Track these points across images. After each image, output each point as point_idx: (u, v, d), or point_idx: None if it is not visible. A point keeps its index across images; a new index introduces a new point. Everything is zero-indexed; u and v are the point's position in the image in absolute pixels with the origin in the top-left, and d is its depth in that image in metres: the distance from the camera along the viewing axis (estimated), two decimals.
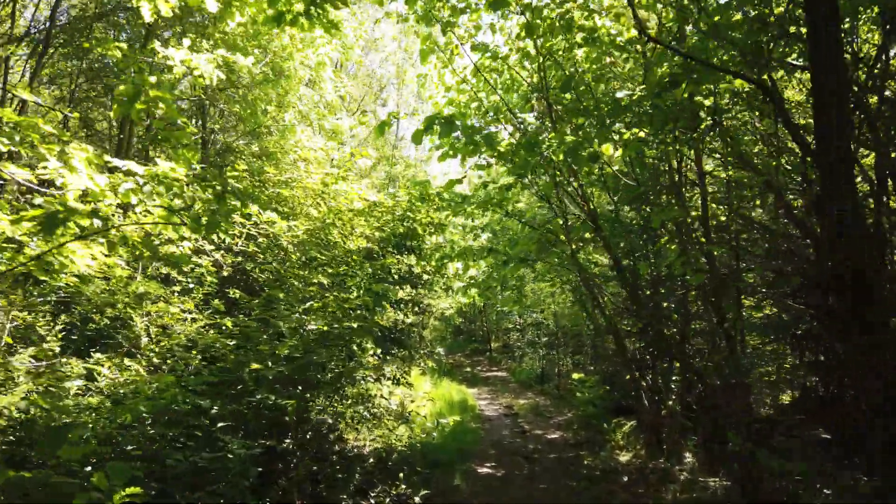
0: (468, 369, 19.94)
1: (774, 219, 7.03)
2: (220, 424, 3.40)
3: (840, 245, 3.62)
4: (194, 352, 4.21)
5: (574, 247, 8.75)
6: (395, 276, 7.00)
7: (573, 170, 6.59)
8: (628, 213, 8.65)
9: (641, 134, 4.27)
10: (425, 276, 7.57)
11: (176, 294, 4.47)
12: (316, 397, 4.36)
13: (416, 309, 7.82)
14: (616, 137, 4.38)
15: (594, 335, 12.59)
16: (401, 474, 6.94)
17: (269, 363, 3.90)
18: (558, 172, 6.32)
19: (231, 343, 4.07)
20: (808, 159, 4.88)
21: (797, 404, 9.35)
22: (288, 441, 3.90)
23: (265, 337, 4.12)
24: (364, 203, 6.41)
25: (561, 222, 8.81)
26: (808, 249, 7.14)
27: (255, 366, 3.80)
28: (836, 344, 7.60)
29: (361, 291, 5.12)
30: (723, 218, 6.93)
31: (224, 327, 4.45)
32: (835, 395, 8.40)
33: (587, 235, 9.08)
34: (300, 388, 4.15)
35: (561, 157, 4.26)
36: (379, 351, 7.02)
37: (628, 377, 8.69)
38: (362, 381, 4.69)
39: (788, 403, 10.16)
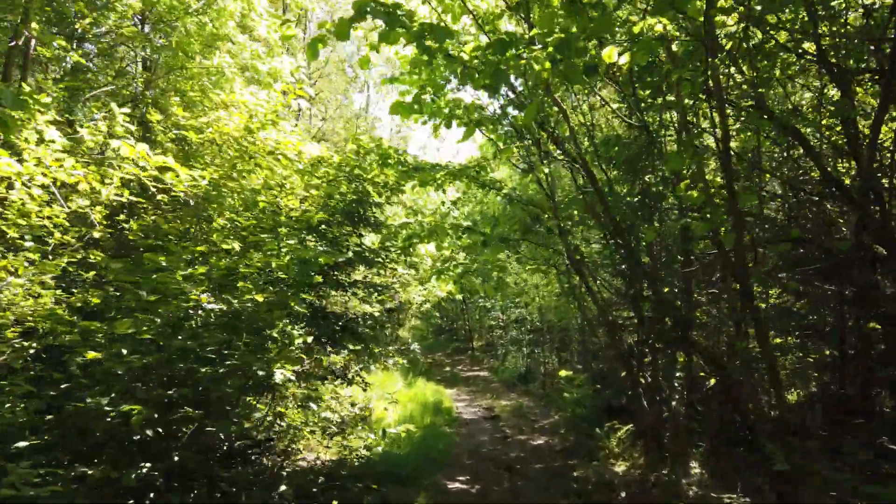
0: (448, 369, 18.68)
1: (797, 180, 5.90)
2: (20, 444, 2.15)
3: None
4: (31, 341, 2.92)
5: (562, 224, 7.57)
6: (347, 251, 5.72)
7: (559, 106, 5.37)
8: (623, 183, 7.47)
9: (658, 27, 3.08)
10: (385, 255, 6.29)
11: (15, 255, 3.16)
12: (206, 398, 3.11)
13: (377, 294, 6.52)
14: (623, 33, 3.25)
15: (583, 329, 11.42)
16: (352, 492, 5.67)
17: (125, 350, 2.66)
18: (542, 93, 5.10)
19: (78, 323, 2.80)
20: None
21: (810, 404, 8.27)
22: (145, 466, 2.65)
23: (120, 315, 2.86)
24: (301, 156, 5.12)
25: (546, 188, 7.61)
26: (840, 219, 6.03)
27: (90, 355, 2.55)
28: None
29: (286, 260, 3.86)
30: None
31: (86, 303, 3.16)
32: (853, 393, 7.35)
33: (575, 212, 7.90)
34: (174, 389, 2.88)
35: (547, 64, 3.03)
36: (317, 341, 5.72)
37: (624, 374, 7.52)
38: (281, 379, 3.42)
39: (798, 403, 9.09)
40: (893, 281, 5.31)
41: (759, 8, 3.80)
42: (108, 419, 2.56)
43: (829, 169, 5.04)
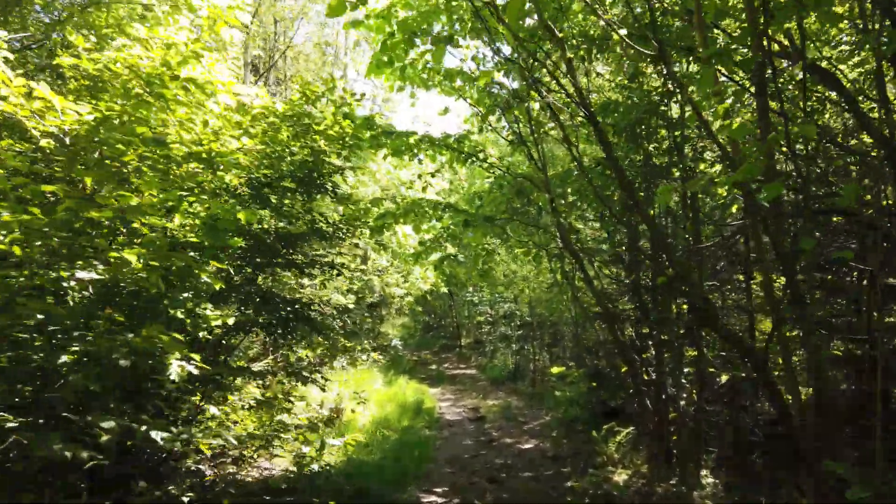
0: (433, 367, 17.75)
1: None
2: None
3: None
4: None
5: (555, 202, 6.66)
6: (298, 223, 4.77)
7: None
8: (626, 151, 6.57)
9: None
10: (348, 229, 5.34)
11: None
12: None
13: (339, 275, 5.57)
14: None
15: (576, 322, 10.52)
16: None
17: None
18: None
19: None
20: None
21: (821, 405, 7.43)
22: None
23: None
24: (242, 107, 4.15)
25: (538, 159, 6.70)
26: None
27: None
28: None
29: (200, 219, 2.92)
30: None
31: None
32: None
33: (570, 190, 6.99)
34: None
35: None
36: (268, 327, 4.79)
37: (624, 370, 6.63)
38: (177, 374, 2.46)
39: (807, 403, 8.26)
40: None
41: None
42: None
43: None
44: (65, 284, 2.47)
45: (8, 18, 4.70)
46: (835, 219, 5.31)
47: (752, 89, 3.95)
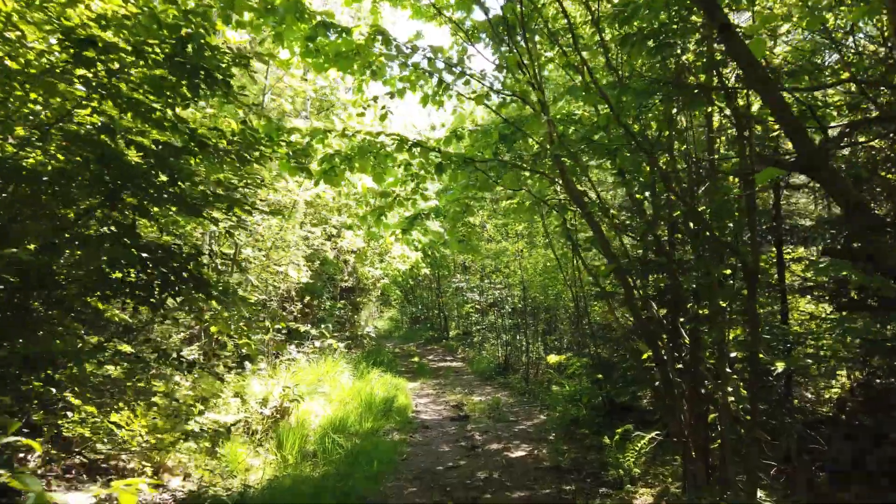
0: (416, 359, 16.10)
1: None
2: None
3: None
4: None
5: (556, 136, 5.03)
6: (169, 130, 3.10)
7: None
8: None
9: None
10: (254, 149, 3.67)
11: None
12: None
13: (245, 215, 3.89)
14: None
15: (578, 298, 8.88)
16: None
17: None
18: None
19: None
20: None
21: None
22: None
23: None
24: None
25: (534, 80, 5.05)
26: None
27: None
28: None
29: None
30: None
31: None
32: None
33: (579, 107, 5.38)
34: None
35: None
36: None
37: (645, 356, 5.02)
38: None
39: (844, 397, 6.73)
40: None
41: None
42: None
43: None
44: None
45: None
46: None
47: None
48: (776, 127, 4.89)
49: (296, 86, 7.35)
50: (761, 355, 4.92)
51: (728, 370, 4.69)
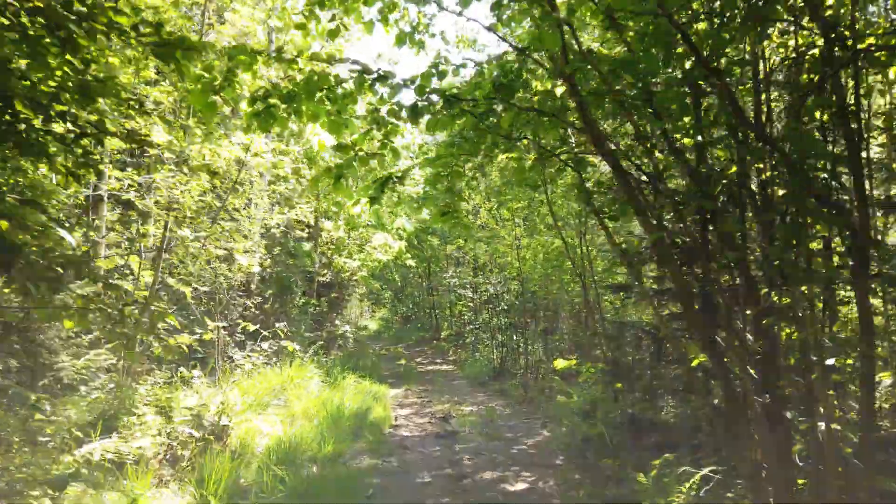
0: (403, 362, 14.67)
1: None
2: None
3: None
4: None
5: (570, 70, 3.62)
6: None
7: None
8: None
9: None
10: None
11: None
12: None
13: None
14: None
15: (588, 293, 7.47)
16: None
17: None
18: None
19: None
20: None
21: None
22: None
23: None
24: None
25: None
26: None
27: None
28: None
29: None
30: None
31: None
32: None
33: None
34: None
35: None
36: None
37: (695, 361, 3.62)
38: None
39: None
40: None
41: None
42: None
43: None
44: None
45: None
46: None
47: None
48: None
49: None
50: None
51: (824, 384, 3.29)
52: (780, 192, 3.49)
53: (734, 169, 3.70)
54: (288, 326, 10.49)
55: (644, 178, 3.77)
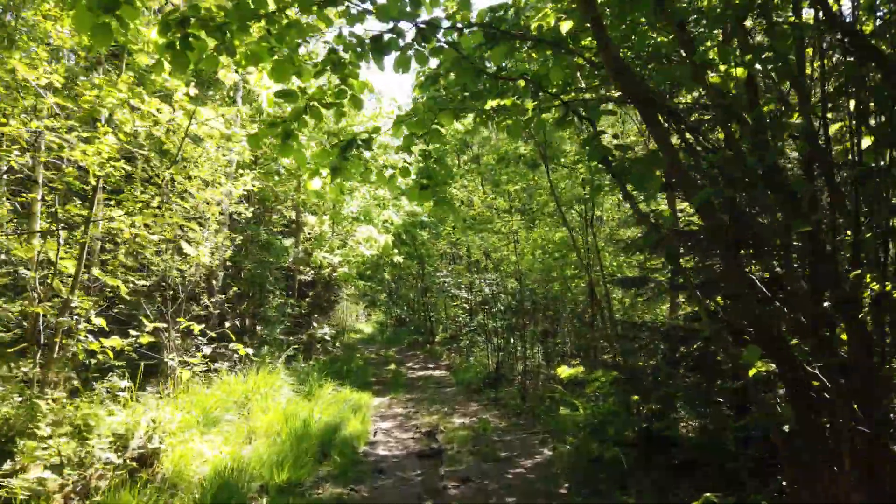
0: (392, 367, 13.70)
1: None
2: None
3: None
4: None
5: None
6: None
7: None
8: None
9: None
10: None
11: None
12: None
13: None
14: None
15: (595, 290, 6.52)
16: None
17: None
18: None
19: None
20: None
21: None
22: None
23: None
24: None
25: None
26: None
27: None
28: None
29: None
30: None
31: None
32: None
33: None
34: None
35: None
36: None
37: (760, 369, 2.68)
38: None
39: None
40: None
41: None
42: None
43: None
44: None
45: None
46: None
47: None
48: None
49: None
50: None
51: None
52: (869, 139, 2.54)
53: (796, 117, 2.75)
54: (262, 328, 9.51)
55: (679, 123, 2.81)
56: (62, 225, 4.61)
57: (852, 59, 2.39)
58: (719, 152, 2.82)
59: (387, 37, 3.20)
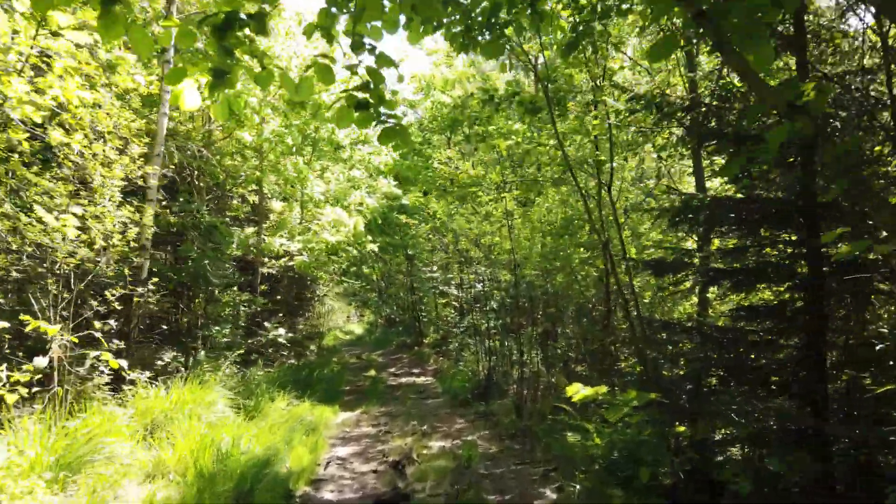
0: (372, 373, 12.16)
1: None
2: None
3: None
4: None
5: None
6: None
7: None
8: None
9: None
10: None
11: None
12: None
13: None
14: None
15: (609, 277, 4.99)
16: None
17: None
18: None
19: None
20: None
21: None
22: None
23: None
24: None
25: None
26: None
27: None
28: None
29: None
30: None
31: None
32: None
33: None
34: None
35: None
36: None
37: None
38: None
39: None
40: None
41: None
42: None
43: None
44: None
45: None
46: None
47: None
48: None
49: None
50: None
51: None
52: None
53: None
54: (211, 330, 7.97)
55: None
56: None
57: None
58: None
59: None
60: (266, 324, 8.19)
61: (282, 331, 8.05)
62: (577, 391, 3.22)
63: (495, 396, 8.18)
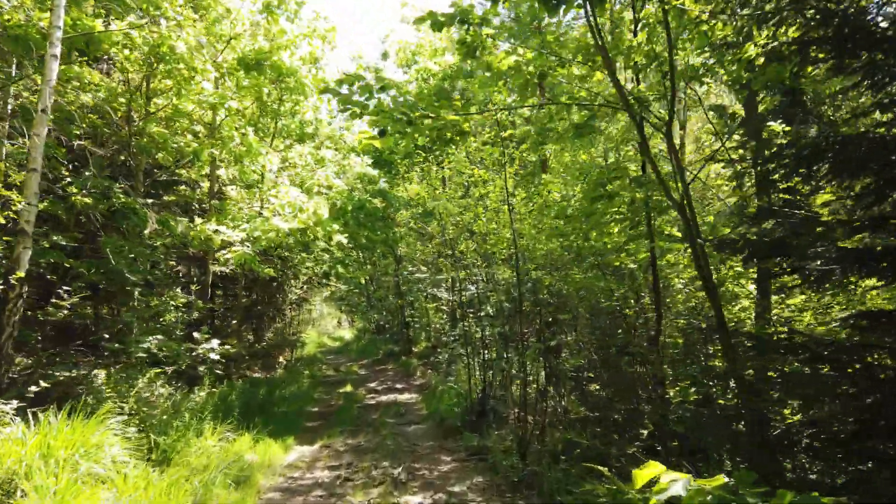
0: (349, 388, 10.48)
1: None
2: None
3: None
4: None
5: None
6: None
7: None
8: None
9: None
10: None
11: None
12: None
13: None
14: None
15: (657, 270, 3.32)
16: None
17: None
18: None
19: None
20: None
21: None
22: None
23: None
24: None
25: None
26: None
27: None
28: None
29: None
30: None
31: None
32: None
33: None
34: None
35: None
36: None
37: None
38: None
39: None
40: None
41: None
42: None
43: None
44: None
45: None
46: None
47: None
48: None
49: None
50: None
51: None
52: None
53: None
54: (116, 342, 6.30)
55: None
56: None
57: None
58: None
59: None
60: (195, 334, 6.49)
61: (214, 344, 6.36)
62: (658, 480, 1.58)
63: (492, 424, 6.54)
